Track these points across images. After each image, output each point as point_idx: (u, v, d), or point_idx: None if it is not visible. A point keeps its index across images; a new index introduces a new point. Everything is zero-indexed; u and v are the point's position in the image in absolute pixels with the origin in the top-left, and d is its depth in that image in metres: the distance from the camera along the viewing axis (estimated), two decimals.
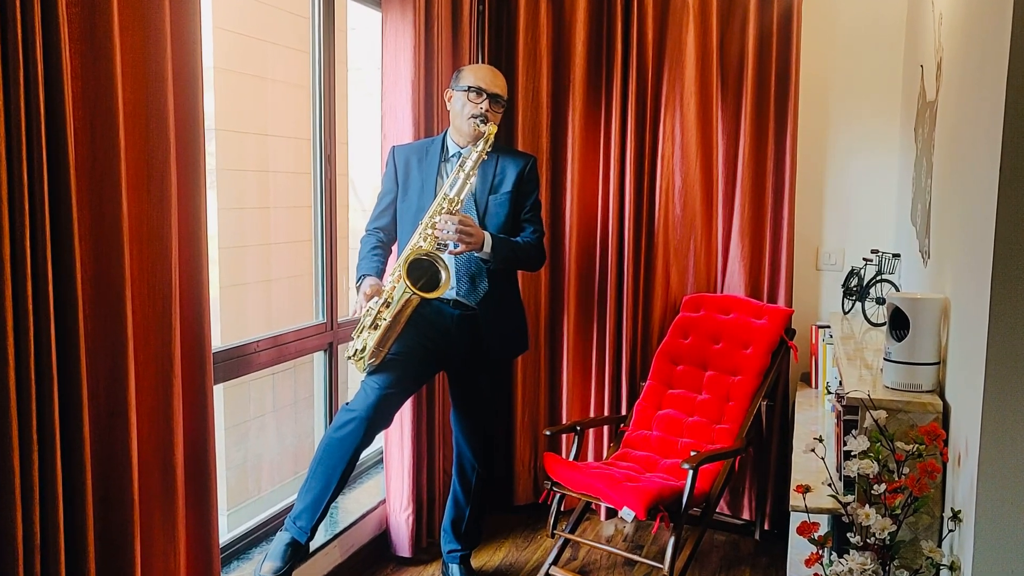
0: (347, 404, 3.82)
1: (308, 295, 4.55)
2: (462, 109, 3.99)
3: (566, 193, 5.11)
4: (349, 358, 3.89)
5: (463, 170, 3.83)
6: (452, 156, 4.04)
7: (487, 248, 3.86)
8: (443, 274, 3.70)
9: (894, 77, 4.89)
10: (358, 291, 3.88)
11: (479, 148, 3.85)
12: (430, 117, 4.43)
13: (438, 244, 3.77)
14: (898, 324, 2.94)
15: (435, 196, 3.93)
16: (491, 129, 3.88)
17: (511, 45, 5.07)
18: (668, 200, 5.06)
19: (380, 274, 3.97)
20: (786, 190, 4.88)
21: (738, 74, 4.96)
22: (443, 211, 3.77)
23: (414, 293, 3.64)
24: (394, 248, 4.15)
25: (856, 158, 4.99)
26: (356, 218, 6.20)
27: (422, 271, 3.72)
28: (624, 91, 5.01)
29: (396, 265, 3.81)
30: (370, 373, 3.85)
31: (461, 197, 3.81)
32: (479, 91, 3.98)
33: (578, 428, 4.58)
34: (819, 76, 5.02)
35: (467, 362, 4.10)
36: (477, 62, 4.98)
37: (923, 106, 3.84)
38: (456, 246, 3.79)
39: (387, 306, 3.73)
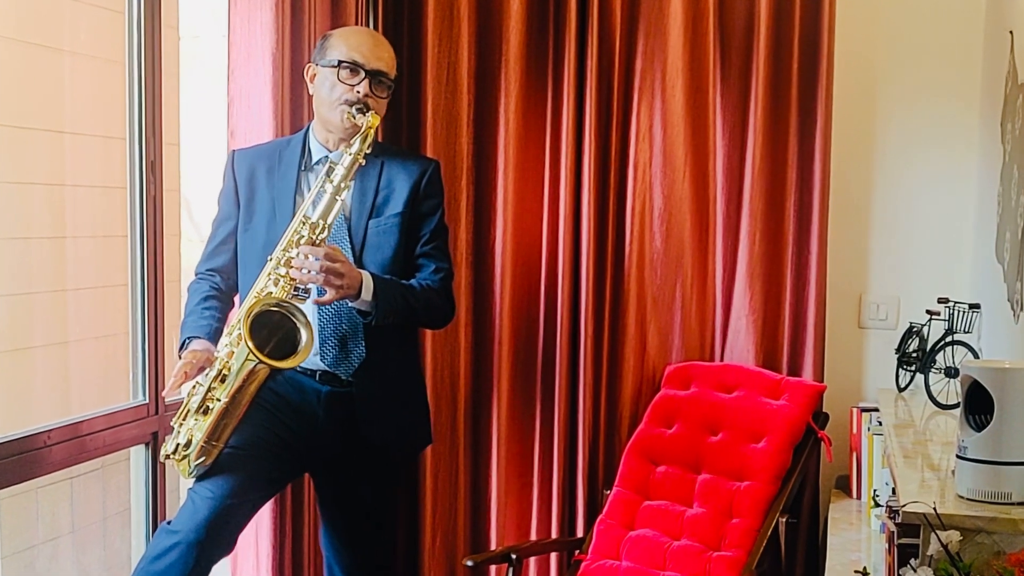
0: (168, 523, 3.76)
1: (122, 364, 4.51)
2: (330, 92, 3.96)
3: (496, 217, 5.14)
4: (168, 457, 3.81)
5: (331, 181, 3.81)
6: (318, 163, 4.02)
7: (366, 295, 3.83)
8: (303, 333, 3.69)
9: (971, 49, 4.98)
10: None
11: (354, 149, 3.83)
12: (299, 105, 4.46)
13: (296, 290, 3.74)
14: (978, 406, 2.96)
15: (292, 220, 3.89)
16: (371, 121, 3.86)
17: (417, 0, 5.07)
18: (644, 227, 5.09)
19: (214, 336, 3.92)
20: (815, 213, 4.94)
21: (745, 45, 5.03)
22: (302, 241, 3.74)
23: (260, 361, 3.61)
24: (236, 299, 4.12)
25: (916, 166, 5.05)
26: (192, 252, 6.18)
27: (272, 329, 3.71)
28: (581, 69, 5.06)
29: (234, 321, 3.77)
30: (200, 478, 3.78)
31: (328, 221, 3.79)
32: (354, 67, 3.95)
33: (513, 556, 4.65)
34: (863, 47, 5.10)
35: (341, 460, 4.07)
36: (361, 24, 4.95)
37: (1013, 90, 3.89)
38: (322, 292, 3.75)
39: (222, 380, 3.67)
